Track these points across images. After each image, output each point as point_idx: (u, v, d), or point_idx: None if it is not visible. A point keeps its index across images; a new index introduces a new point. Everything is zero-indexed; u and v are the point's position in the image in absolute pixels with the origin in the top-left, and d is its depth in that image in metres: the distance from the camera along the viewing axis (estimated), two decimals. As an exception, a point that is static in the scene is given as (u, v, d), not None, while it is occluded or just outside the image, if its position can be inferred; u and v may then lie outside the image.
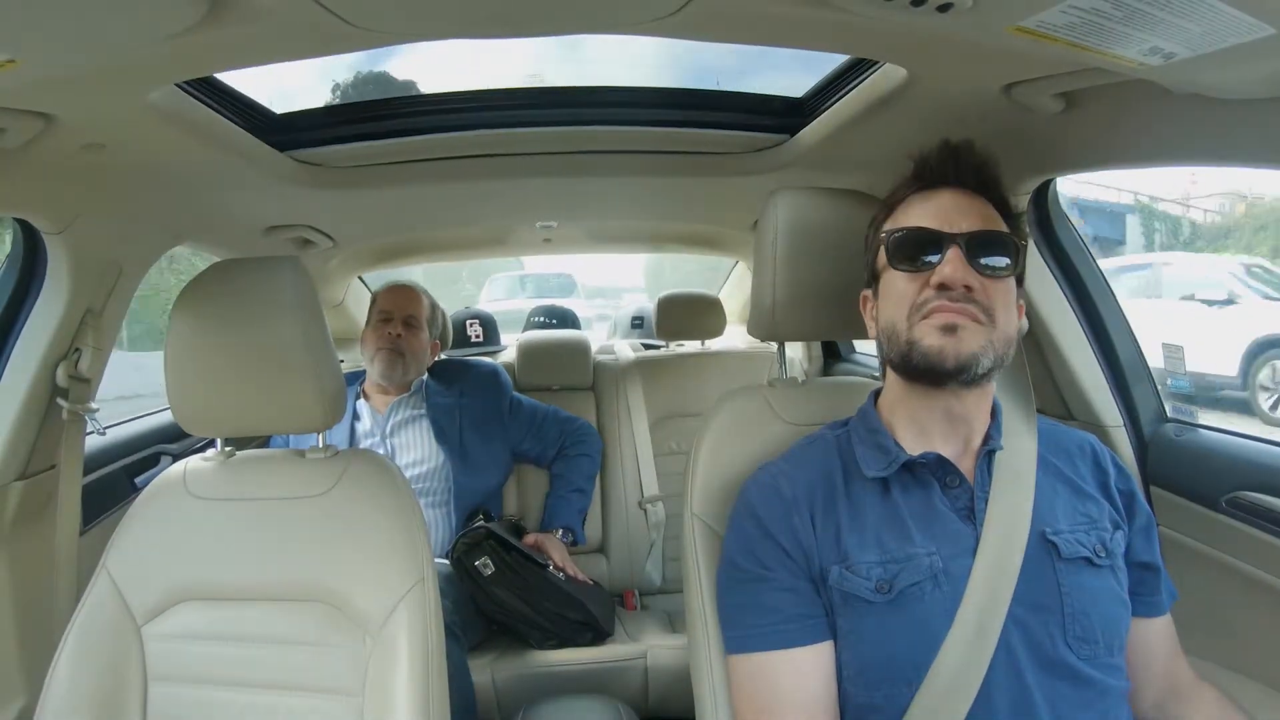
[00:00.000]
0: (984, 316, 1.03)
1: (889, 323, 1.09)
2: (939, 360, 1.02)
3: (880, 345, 1.14)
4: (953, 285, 1.02)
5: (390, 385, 2.47)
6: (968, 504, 1.08)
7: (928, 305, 1.04)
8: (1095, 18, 0.80)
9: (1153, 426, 1.59)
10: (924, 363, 1.04)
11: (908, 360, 1.06)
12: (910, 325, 1.05)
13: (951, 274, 1.02)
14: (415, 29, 1.07)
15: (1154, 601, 1.15)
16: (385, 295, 2.56)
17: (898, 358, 1.08)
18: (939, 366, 1.03)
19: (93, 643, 1.26)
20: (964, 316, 1.02)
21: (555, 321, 3.97)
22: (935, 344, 1.02)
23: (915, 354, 1.04)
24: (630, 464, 2.76)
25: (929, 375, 1.05)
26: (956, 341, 1.02)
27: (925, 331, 1.03)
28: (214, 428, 1.35)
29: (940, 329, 1.02)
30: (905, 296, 1.06)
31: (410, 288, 2.59)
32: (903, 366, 1.08)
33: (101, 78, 1.09)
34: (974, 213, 1.07)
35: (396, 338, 2.43)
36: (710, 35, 1.14)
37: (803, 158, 1.77)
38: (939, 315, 1.03)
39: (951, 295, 1.02)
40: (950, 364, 1.02)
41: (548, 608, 2.18)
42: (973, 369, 1.03)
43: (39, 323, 1.56)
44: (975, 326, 1.02)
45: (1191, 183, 8.95)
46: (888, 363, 1.13)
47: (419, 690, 1.19)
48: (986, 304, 1.03)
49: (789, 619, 1.07)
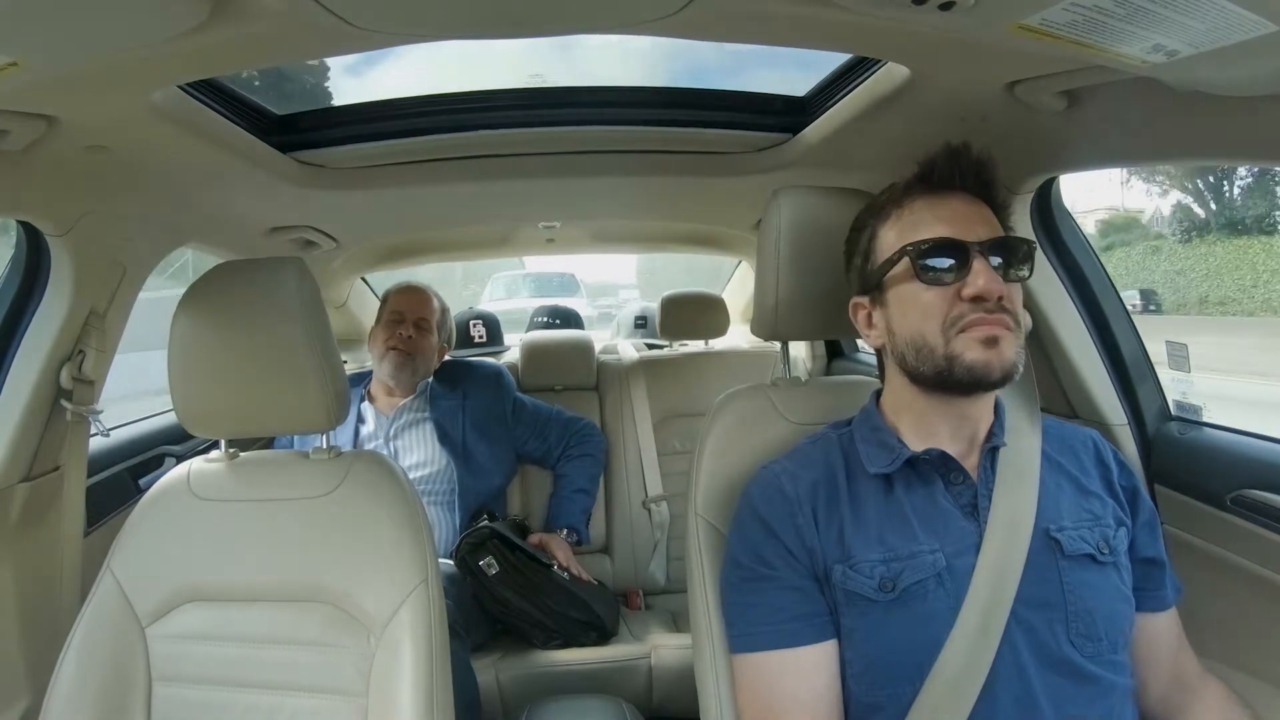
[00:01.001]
0: (1013, 323, 1.03)
1: (916, 336, 1.07)
2: (985, 373, 1.02)
3: (895, 356, 1.12)
4: (989, 297, 1.01)
5: (398, 386, 2.47)
6: (971, 501, 1.08)
7: (965, 319, 1.03)
8: (1098, 15, 0.80)
9: (1157, 424, 1.59)
10: (969, 377, 1.03)
11: (948, 374, 1.04)
12: (947, 340, 1.04)
13: (986, 286, 1.01)
14: (417, 29, 1.07)
15: (1159, 596, 1.15)
16: (398, 296, 2.57)
17: (932, 371, 1.06)
18: (985, 379, 1.02)
19: (97, 644, 1.26)
20: (1000, 327, 1.02)
21: (559, 321, 3.97)
22: (980, 358, 1.02)
23: (958, 368, 1.03)
24: (634, 464, 2.76)
25: (971, 388, 1.05)
26: (999, 353, 1.01)
27: (967, 345, 1.02)
28: (218, 429, 1.36)
29: (982, 343, 1.02)
30: (934, 309, 1.05)
31: (423, 290, 2.59)
32: (937, 380, 1.06)
33: (103, 80, 1.09)
34: (984, 219, 1.07)
35: (408, 339, 2.44)
36: (712, 35, 1.14)
37: (805, 157, 1.77)
38: (980, 329, 1.02)
39: (987, 307, 1.02)
40: (996, 375, 1.02)
41: (552, 607, 2.18)
42: (1014, 376, 1.03)
43: (43, 325, 1.56)
44: (1010, 335, 1.02)
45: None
46: (910, 375, 1.11)
47: (423, 690, 1.19)
48: (1013, 311, 1.04)
49: (793, 618, 1.07)
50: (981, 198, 1.10)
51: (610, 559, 2.70)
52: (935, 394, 1.09)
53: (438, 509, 2.34)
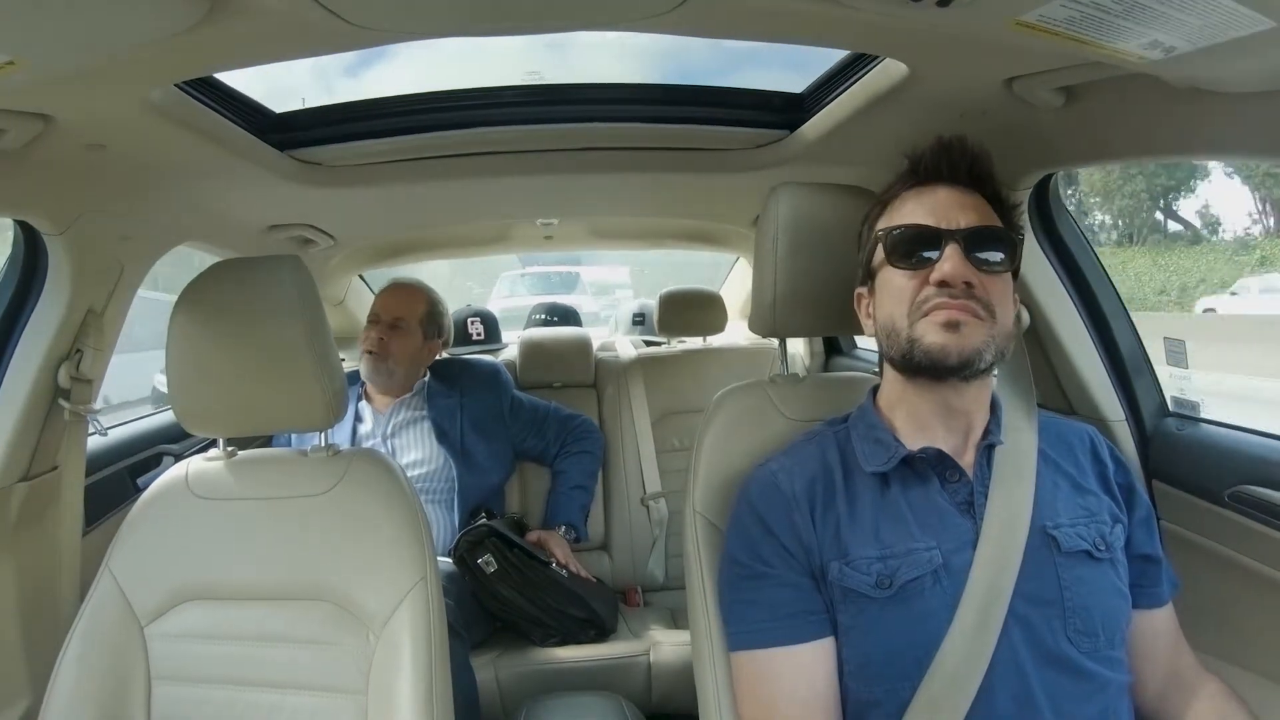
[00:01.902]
0: (984, 312, 1.03)
1: (888, 320, 1.09)
2: (942, 357, 1.03)
3: (879, 342, 1.14)
4: (953, 282, 1.02)
5: (375, 387, 2.47)
6: (967, 498, 1.08)
7: (929, 303, 1.04)
8: (1096, 11, 0.80)
9: (1155, 420, 1.59)
10: (926, 360, 1.04)
11: (909, 357, 1.06)
12: (911, 323, 1.05)
13: (951, 271, 1.02)
14: (414, 27, 1.07)
15: (1155, 593, 1.15)
16: (379, 297, 2.56)
17: (898, 355, 1.08)
18: (942, 363, 1.03)
19: (96, 643, 1.26)
20: (965, 313, 1.02)
21: (557, 319, 3.96)
22: (938, 341, 1.02)
23: (917, 351, 1.04)
24: (632, 461, 2.76)
25: (931, 371, 1.06)
26: (959, 338, 1.02)
27: (927, 329, 1.03)
28: (216, 427, 1.36)
29: (942, 326, 1.02)
30: (904, 294, 1.06)
31: (405, 288, 2.57)
32: (904, 364, 1.08)
33: (101, 78, 1.09)
34: (970, 208, 1.07)
35: (379, 340, 2.43)
36: (709, 31, 1.14)
37: (803, 153, 1.77)
38: (940, 312, 1.03)
39: (952, 292, 1.02)
40: (953, 360, 1.02)
41: (551, 605, 2.18)
42: (975, 364, 1.03)
43: (40, 324, 1.56)
44: (976, 322, 1.02)
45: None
46: (888, 360, 1.13)
47: (422, 688, 1.19)
48: (986, 299, 1.03)
49: (790, 615, 1.07)
50: (977, 190, 1.10)
51: (609, 556, 2.70)
52: (915, 382, 1.10)
53: (436, 507, 2.34)
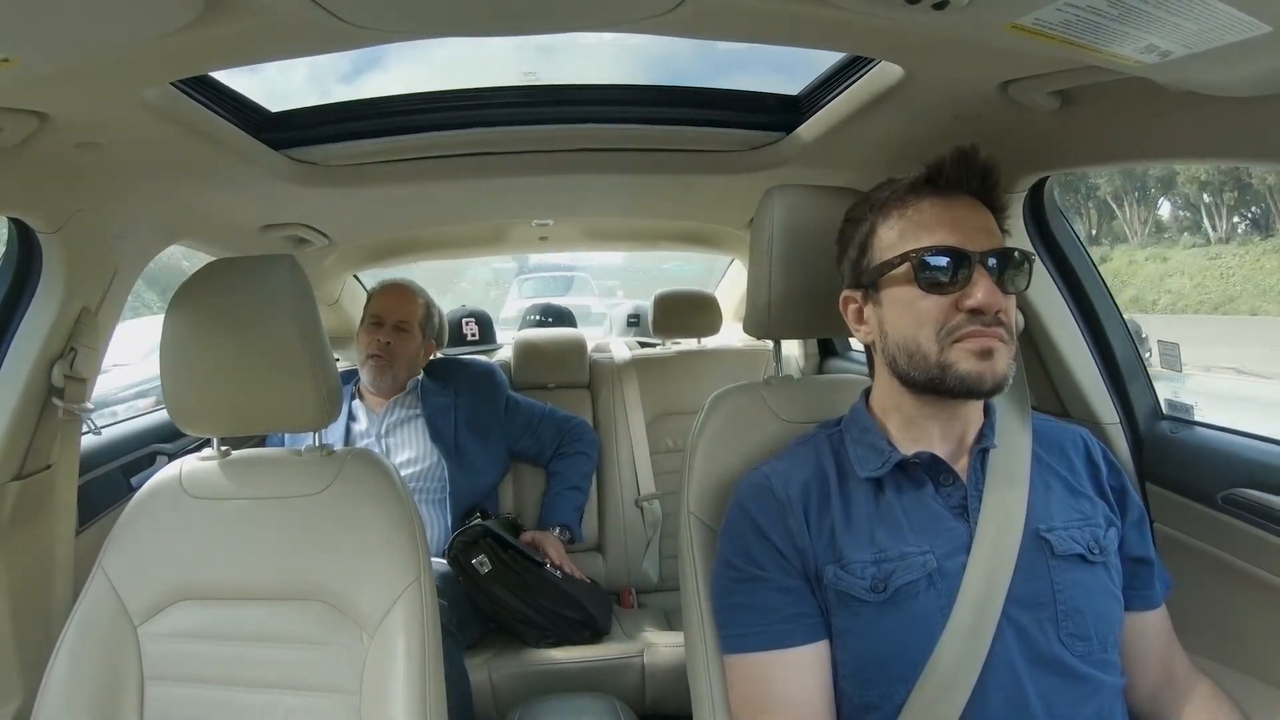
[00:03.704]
0: (1007, 335, 1.04)
1: (909, 340, 1.07)
2: (977, 385, 1.02)
3: (884, 354, 1.12)
4: (987, 311, 1.02)
5: (378, 392, 2.46)
6: (961, 502, 1.08)
7: (961, 330, 1.03)
8: (1092, 15, 0.80)
9: (1148, 423, 1.59)
10: (961, 387, 1.03)
11: (939, 382, 1.04)
12: (941, 349, 1.04)
13: (986, 300, 1.01)
14: (410, 27, 1.07)
15: (1148, 595, 1.15)
16: (379, 298, 2.54)
17: (922, 378, 1.06)
18: (977, 390, 1.03)
19: (89, 643, 1.25)
20: (996, 340, 1.02)
21: (551, 320, 3.96)
22: (974, 370, 1.02)
23: (950, 378, 1.03)
24: (627, 462, 2.76)
25: (963, 397, 1.06)
26: (993, 365, 1.02)
27: (961, 356, 1.03)
28: (210, 427, 1.35)
29: (977, 355, 1.02)
30: (929, 316, 1.05)
31: (405, 289, 2.56)
32: (927, 386, 1.07)
33: (96, 76, 1.08)
34: (987, 225, 1.07)
35: (386, 344, 2.42)
36: (706, 33, 1.14)
37: (798, 155, 1.77)
38: (975, 341, 1.02)
39: (985, 320, 1.02)
40: (988, 386, 1.03)
41: (545, 606, 2.18)
42: (1005, 386, 1.04)
43: (34, 322, 1.55)
44: (1004, 347, 1.03)
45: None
46: (900, 377, 1.11)
47: (416, 688, 1.19)
48: (1008, 323, 1.04)
49: (784, 619, 1.07)
50: (984, 201, 1.09)
51: (603, 557, 2.69)
52: (924, 397, 1.10)
53: (430, 507, 2.33)
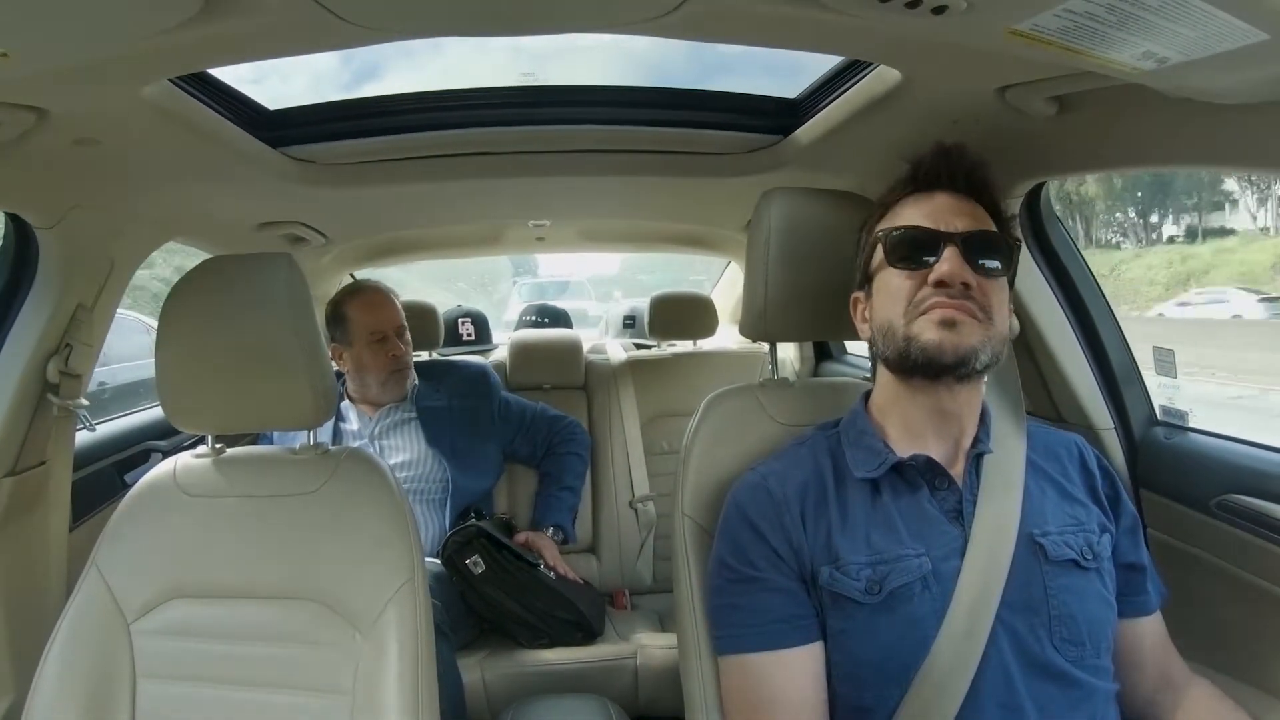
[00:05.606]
0: (981, 314, 1.04)
1: (885, 321, 1.09)
2: (938, 354, 1.03)
3: (875, 345, 1.14)
4: (951, 282, 1.03)
5: (395, 398, 2.40)
6: (956, 506, 1.09)
7: (926, 302, 1.04)
8: (1089, 22, 0.80)
9: (1143, 429, 1.60)
10: (922, 357, 1.04)
11: (905, 356, 1.06)
12: (908, 321, 1.06)
13: (950, 271, 1.03)
14: (410, 26, 1.07)
15: (1143, 601, 1.16)
16: (369, 314, 2.36)
17: (895, 354, 1.08)
18: (937, 360, 1.03)
19: (82, 640, 1.25)
20: (962, 312, 1.03)
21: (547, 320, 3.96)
22: (934, 338, 1.03)
23: (914, 349, 1.05)
24: (621, 463, 2.75)
25: (926, 370, 1.06)
26: (955, 336, 1.02)
27: (924, 326, 1.04)
28: (204, 424, 1.35)
29: (939, 324, 1.03)
30: (902, 294, 1.07)
31: (385, 294, 2.42)
32: (899, 363, 1.08)
33: (95, 72, 1.08)
34: (968, 214, 1.08)
35: (397, 356, 2.35)
36: (705, 35, 1.14)
37: (796, 159, 1.77)
38: (937, 310, 1.03)
39: (950, 292, 1.03)
40: (949, 358, 1.03)
41: (538, 606, 2.18)
42: (971, 363, 1.03)
43: (30, 318, 1.55)
44: (973, 323, 1.03)
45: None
46: (883, 361, 1.13)
47: (409, 688, 1.19)
48: (984, 302, 1.04)
49: (779, 620, 1.07)
50: (975, 198, 1.11)
51: (597, 559, 2.69)
52: (909, 384, 1.10)
53: (425, 508, 2.33)
